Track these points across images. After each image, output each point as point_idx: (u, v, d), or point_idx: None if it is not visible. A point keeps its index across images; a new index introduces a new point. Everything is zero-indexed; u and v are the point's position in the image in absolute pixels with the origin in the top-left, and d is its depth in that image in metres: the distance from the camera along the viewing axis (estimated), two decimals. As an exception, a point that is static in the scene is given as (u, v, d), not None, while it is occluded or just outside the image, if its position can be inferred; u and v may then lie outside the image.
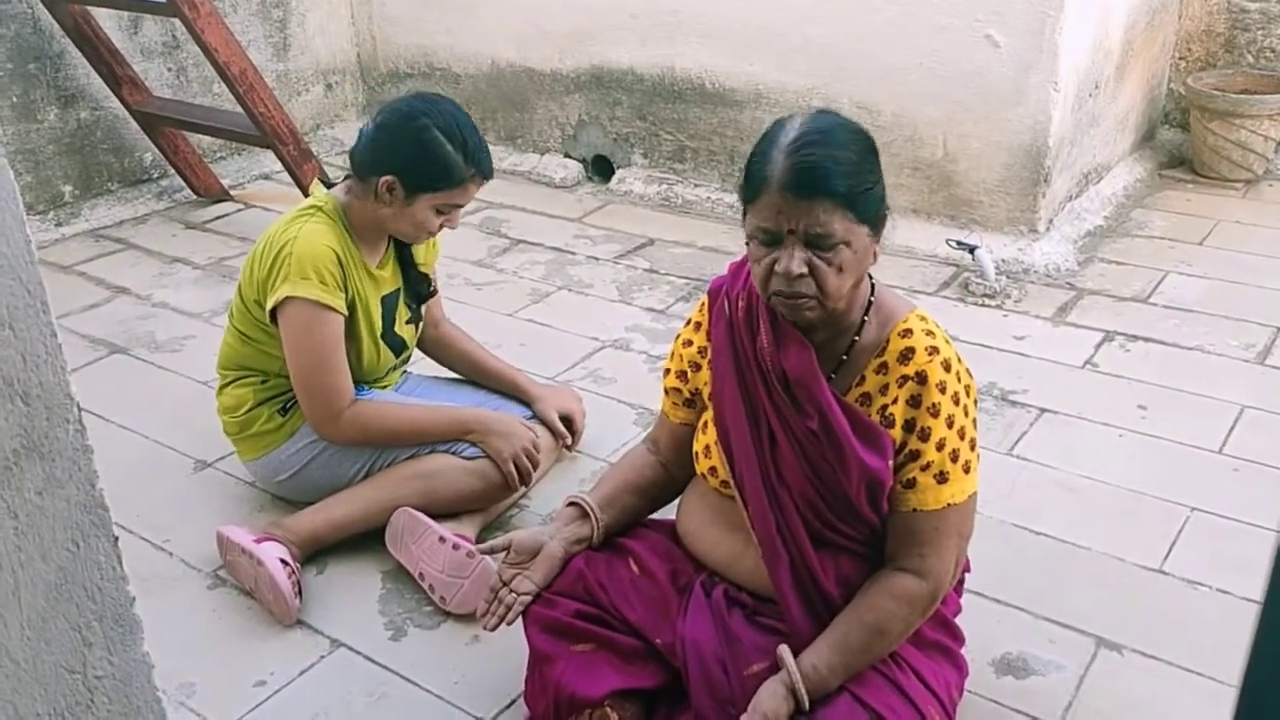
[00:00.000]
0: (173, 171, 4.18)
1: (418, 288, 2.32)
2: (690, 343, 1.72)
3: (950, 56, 3.41)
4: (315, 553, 2.17)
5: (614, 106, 4.20)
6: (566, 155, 4.41)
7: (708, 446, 1.66)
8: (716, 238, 3.76)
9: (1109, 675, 1.85)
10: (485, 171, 2.15)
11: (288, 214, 2.16)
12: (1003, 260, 3.39)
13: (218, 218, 4.07)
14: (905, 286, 3.35)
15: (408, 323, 2.32)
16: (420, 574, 2.07)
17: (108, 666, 1.08)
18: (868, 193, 1.44)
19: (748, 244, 1.51)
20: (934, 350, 1.50)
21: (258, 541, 2.04)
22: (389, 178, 2.09)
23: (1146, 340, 2.96)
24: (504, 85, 4.46)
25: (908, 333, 1.53)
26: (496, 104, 4.46)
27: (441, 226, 2.17)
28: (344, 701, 1.85)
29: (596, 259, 3.64)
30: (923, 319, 1.55)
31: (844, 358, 1.56)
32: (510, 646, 1.96)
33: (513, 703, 1.83)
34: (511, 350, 2.65)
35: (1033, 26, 3.25)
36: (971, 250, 3.30)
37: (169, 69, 4.23)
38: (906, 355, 1.51)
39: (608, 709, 1.57)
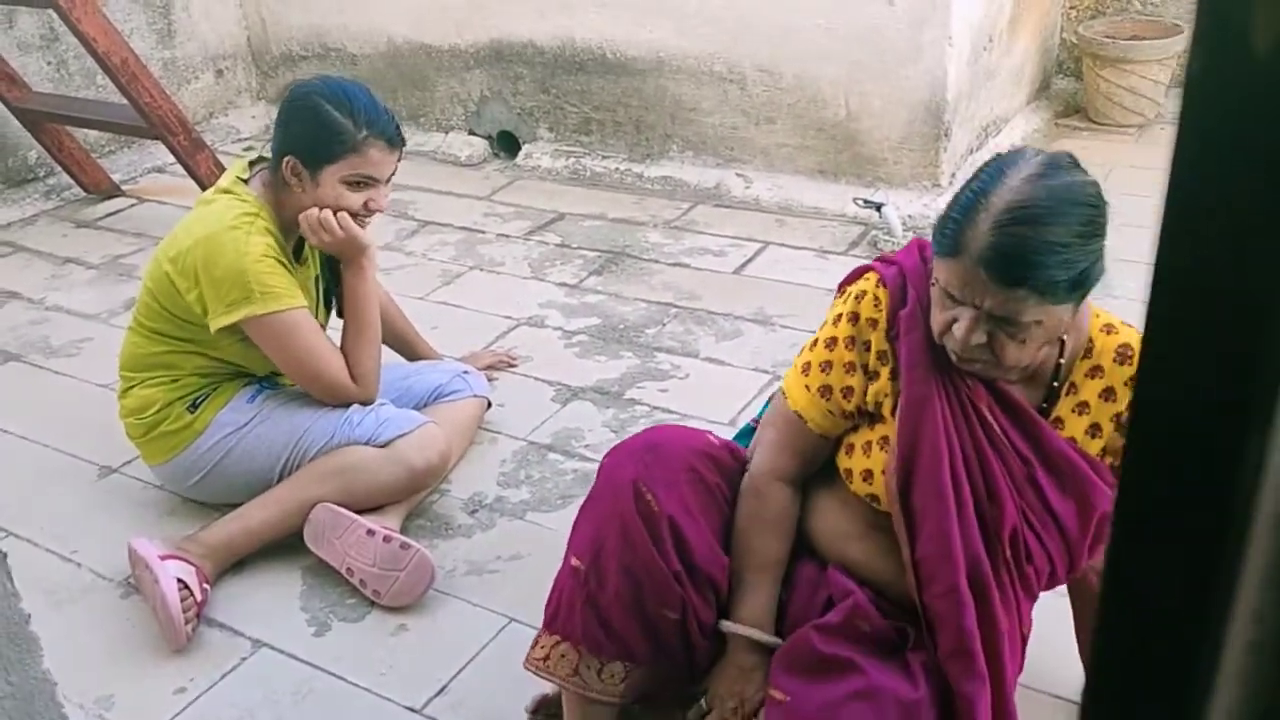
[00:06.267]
0: (59, 169, 4.01)
1: (332, 279, 2.29)
2: (869, 346, 1.45)
3: (846, 15, 3.42)
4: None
5: (516, 81, 4.14)
6: (471, 133, 4.35)
7: (868, 471, 1.46)
8: (627, 209, 3.74)
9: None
10: (384, 132, 2.07)
11: (218, 215, 2.05)
12: (909, 216, 3.43)
13: (110, 214, 3.92)
14: (815, 247, 3.37)
15: (325, 305, 2.29)
16: (348, 569, 2.03)
17: (6, 687, 1.04)
18: (1082, 275, 1.25)
19: (931, 282, 1.34)
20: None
21: (163, 558, 1.96)
22: (289, 158, 2.05)
23: (1050, 287, 3.03)
24: (402, 64, 4.37)
25: (1110, 328, 1.40)
26: (396, 83, 4.37)
27: (367, 207, 2.11)
28: (269, 702, 1.81)
29: (507, 236, 3.59)
30: (1099, 313, 1.42)
31: (1054, 384, 1.41)
32: (438, 633, 1.94)
33: (444, 689, 1.82)
34: (424, 333, 2.61)
35: (926, -18, 3.28)
36: (878, 208, 3.34)
37: (48, 63, 4.06)
38: (1125, 355, 1.37)
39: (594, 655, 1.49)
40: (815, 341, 1.51)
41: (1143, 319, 0.39)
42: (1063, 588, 1.61)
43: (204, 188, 3.33)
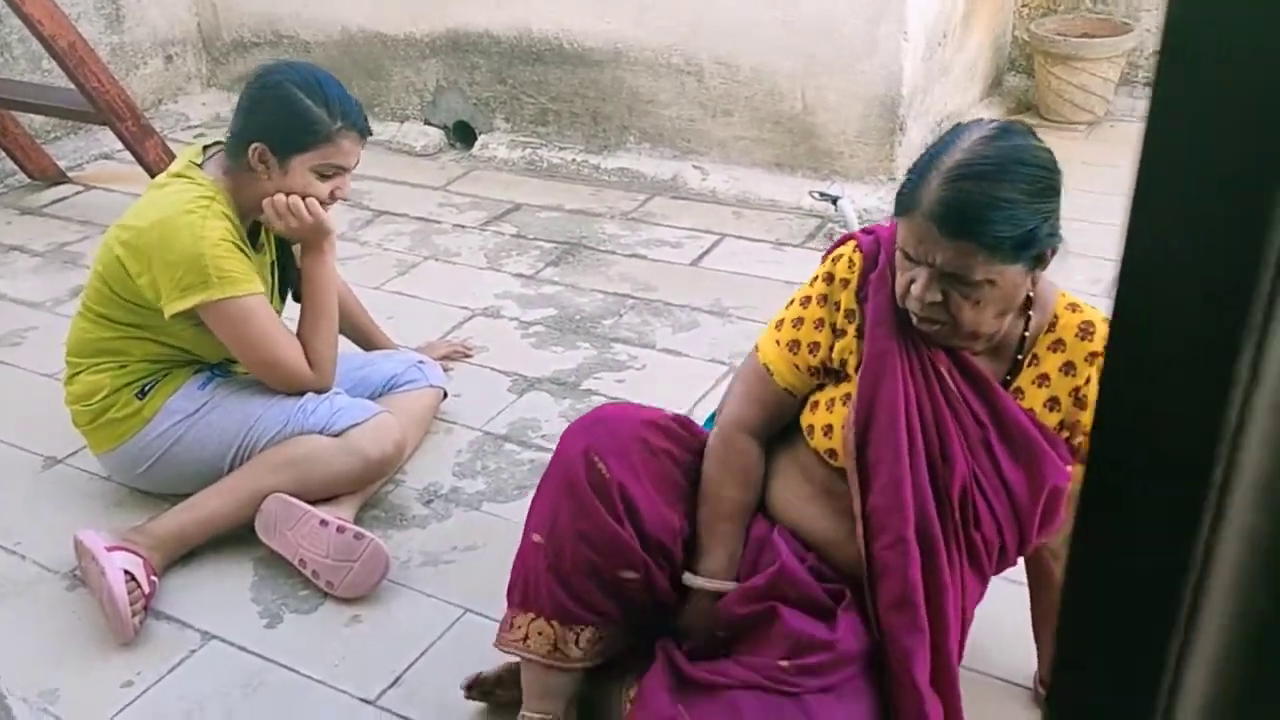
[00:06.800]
0: (3, 155, 3.92)
1: (288, 266, 2.26)
2: (838, 305, 1.50)
3: (803, 9, 3.44)
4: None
5: (472, 70, 4.11)
6: (426, 122, 4.31)
7: (829, 426, 1.49)
8: (584, 200, 3.73)
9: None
10: (356, 123, 2.08)
11: (174, 198, 2.02)
12: (865, 210, 3.45)
13: (56, 201, 3.84)
14: (772, 240, 3.39)
15: (280, 293, 2.27)
16: (300, 560, 2.01)
17: (-55, 680, 1.01)
18: (1029, 234, 1.29)
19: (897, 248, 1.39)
20: (1108, 321, 1.43)
21: (109, 550, 1.92)
22: (258, 145, 2.03)
23: (1002, 280, 3.07)
24: (356, 52, 4.32)
25: (1074, 306, 1.44)
26: (350, 72, 4.31)
27: (333, 195, 2.11)
28: (219, 694, 1.78)
29: (463, 227, 3.57)
30: (1065, 294, 1.47)
31: (1018, 357, 1.45)
32: (392, 624, 1.93)
33: (398, 679, 1.80)
34: (379, 324, 2.59)
35: (881, -23, 3.30)
36: (834, 201, 3.35)
37: (-9, 45, 3.96)
38: (1087, 331, 1.41)
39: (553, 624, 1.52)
40: (792, 301, 1.57)
41: (1098, 306, 0.40)
42: (1022, 574, 1.64)
43: (153, 175, 3.27)
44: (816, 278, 1.54)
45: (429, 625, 1.92)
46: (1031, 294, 1.42)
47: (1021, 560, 1.55)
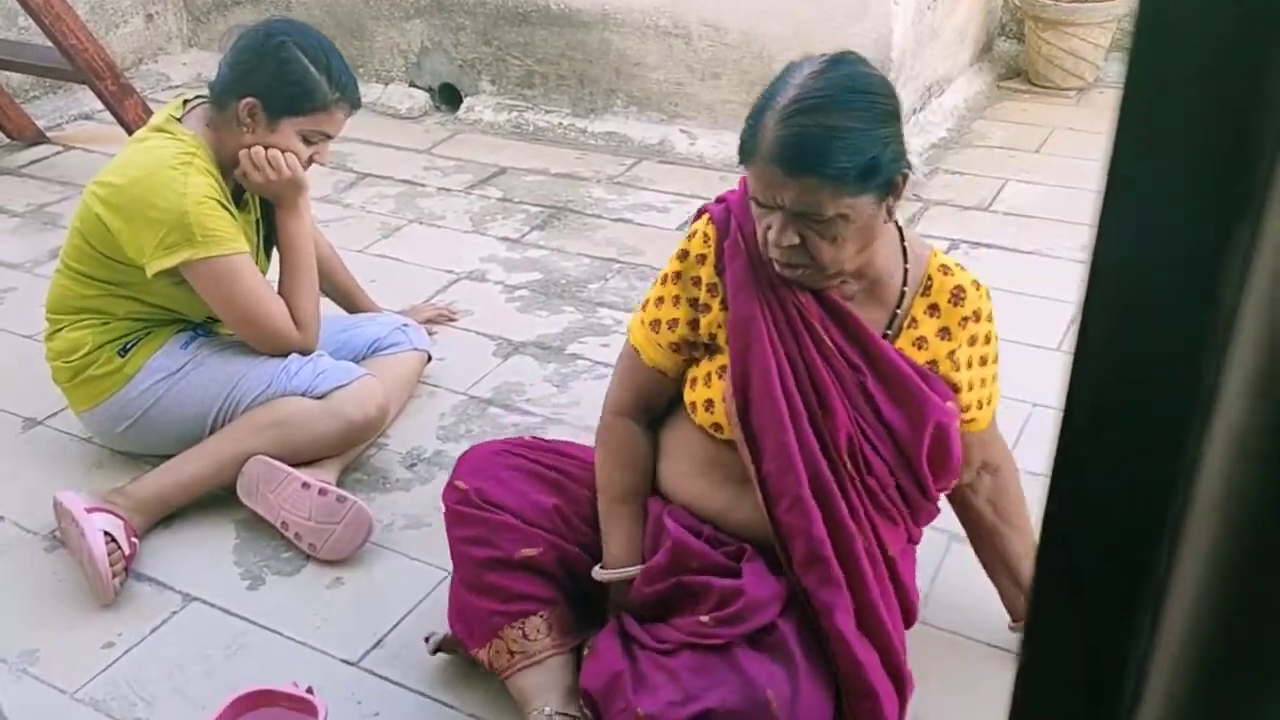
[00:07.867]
0: (-20, 114, 3.86)
1: (272, 224, 2.24)
2: (698, 280, 1.50)
3: (793, -29, 3.40)
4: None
5: (457, 31, 4.06)
6: (411, 84, 4.26)
7: (710, 400, 1.50)
8: (570, 164, 3.70)
9: (961, 571, 1.92)
10: (351, 98, 2.09)
11: (154, 154, 2.00)
12: (852, 175, 3.43)
13: (35, 161, 3.79)
14: (759, 205, 3.37)
15: (265, 251, 2.25)
16: (283, 523, 2.00)
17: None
18: (871, 162, 1.29)
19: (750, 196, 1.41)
20: (977, 285, 1.48)
21: (89, 511, 1.90)
22: (250, 100, 2.00)
23: (989, 247, 3.06)
24: (339, 11, 4.26)
25: (945, 269, 1.47)
26: (333, 32, 4.24)
27: (311, 160, 2.10)
28: (200, 656, 1.78)
29: (448, 190, 3.54)
30: (937, 253, 1.51)
31: (896, 311, 1.47)
32: (375, 587, 1.93)
33: (380, 641, 1.80)
34: (363, 286, 2.57)
35: (872, -61, 3.26)
36: (821, 166, 3.34)
37: (-34, 1, 3.89)
38: (958, 296, 1.46)
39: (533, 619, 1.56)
40: (655, 281, 1.59)
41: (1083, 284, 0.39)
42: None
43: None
44: (674, 255, 1.55)
45: (411, 588, 1.91)
46: (905, 244, 1.46)
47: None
